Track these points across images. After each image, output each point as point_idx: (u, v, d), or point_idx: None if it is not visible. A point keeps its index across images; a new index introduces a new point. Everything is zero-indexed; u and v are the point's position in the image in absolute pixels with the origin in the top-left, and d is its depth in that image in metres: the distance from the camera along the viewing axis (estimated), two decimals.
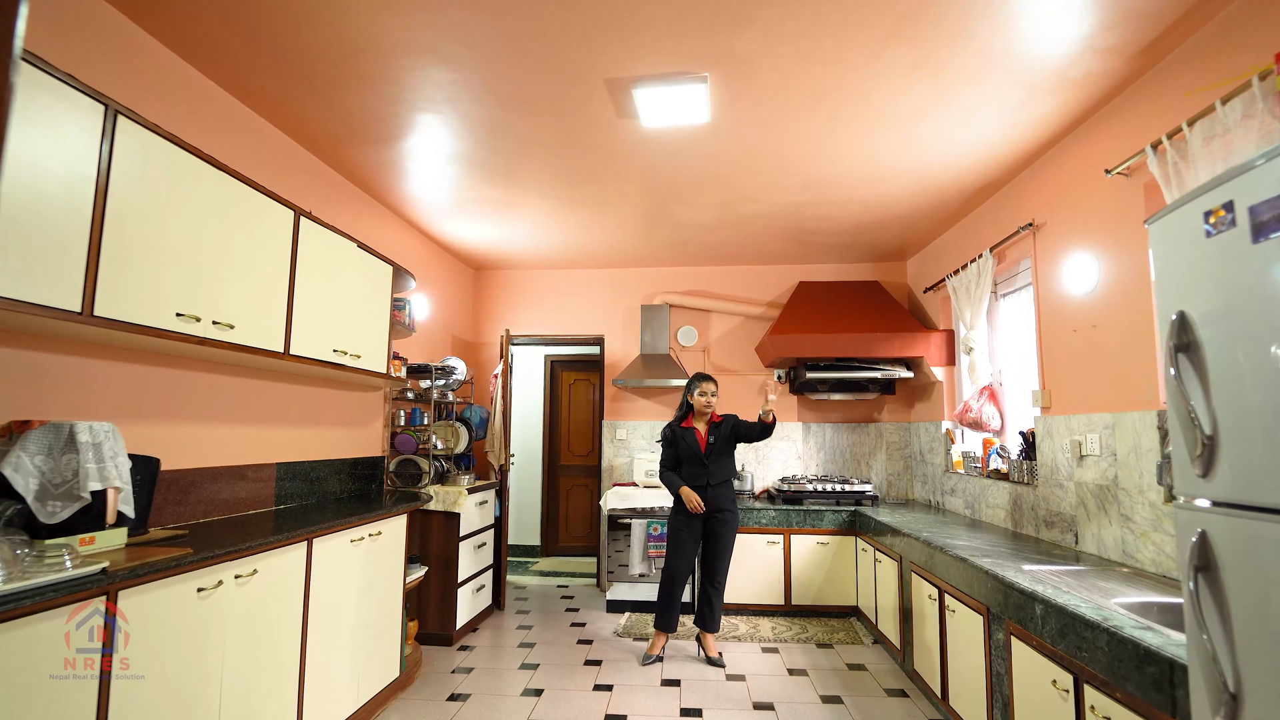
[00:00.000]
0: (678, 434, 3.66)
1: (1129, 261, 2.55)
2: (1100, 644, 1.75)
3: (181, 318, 2.02)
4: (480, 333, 5.56)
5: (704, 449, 3.61)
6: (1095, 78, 2.50)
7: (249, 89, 2.68)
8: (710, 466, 3.58)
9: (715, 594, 3.63)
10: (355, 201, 3.70)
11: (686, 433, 3.65)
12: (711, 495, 3.58)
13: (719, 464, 3.61)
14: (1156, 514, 2.39)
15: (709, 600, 3.63)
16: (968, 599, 2.59)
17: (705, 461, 3.58)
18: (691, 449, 3.61)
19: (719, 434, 3.62)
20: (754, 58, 2.40)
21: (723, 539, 3.61)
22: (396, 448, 4.00)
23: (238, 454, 2.74)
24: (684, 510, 3.58)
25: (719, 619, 3.67)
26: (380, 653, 2.91)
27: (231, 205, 2.26)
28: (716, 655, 3.55)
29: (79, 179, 1.71)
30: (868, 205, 3.93)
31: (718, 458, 3.61)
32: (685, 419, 3.70)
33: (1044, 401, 3.13)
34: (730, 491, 3.65)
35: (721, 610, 3.73)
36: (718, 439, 3.61)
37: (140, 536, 2.06)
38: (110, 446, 1.83)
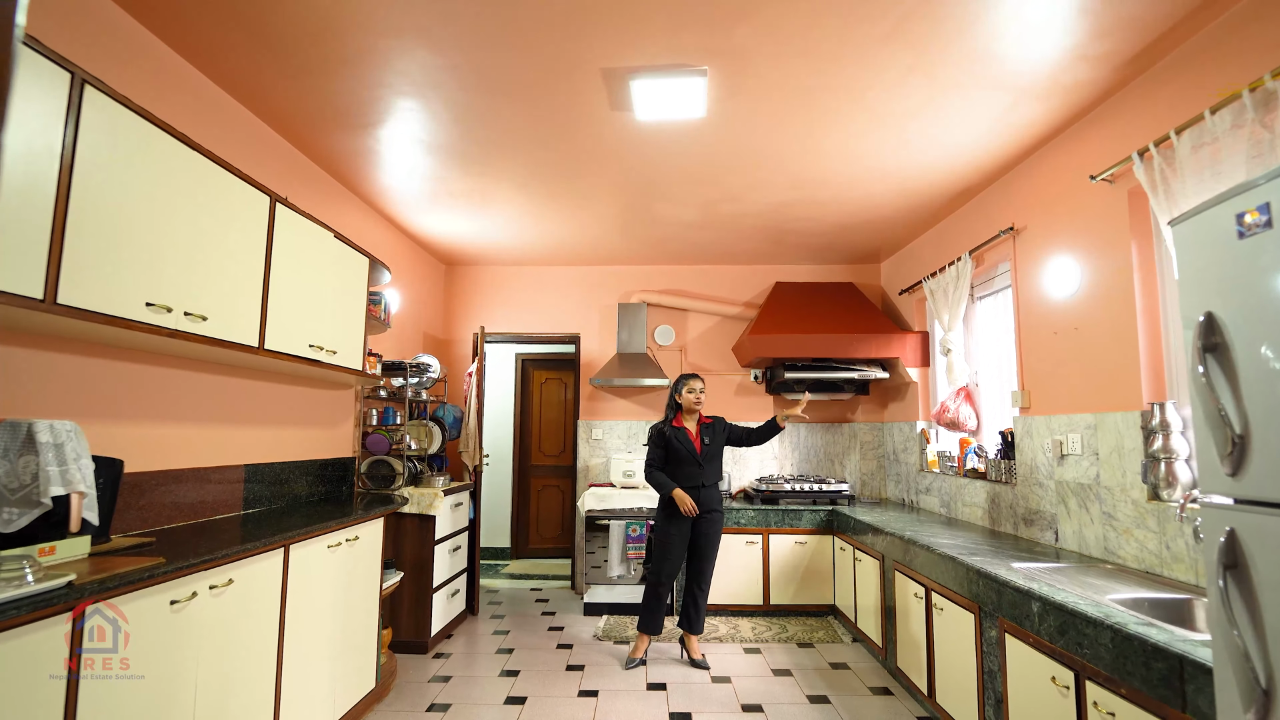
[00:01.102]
0: (669, 434, 3.60)
1: (1113, 266, 2.62)
2: (1103, 641, 1.78)
3: (152, 308, 1.87)
4: (452, 330, 5.41)
5: (699, 449, 3.56)
6: (1084, 85, 2.55)
7: (219, 67, 2.51)
8: (705, 468, 3.54)
9: (701, 596, 3.59)
10: (328, 190, 3.54)
11: (679, 433, 3.59)
12: (704, 497, 3.54)
13: (713, 465, 3.57)
14: (1139, 512, 2.45)
15: (695, 602, 3.59)
16: (957, 597, 2.61)
17: (701, 462, 3.54)
18: (686, 449, 3.56)
19: (713, 434, 3.58)
20: (754, 52, 2.37)
21: (713, 541, 3.58)
22: (368, 448, 3.84)
23: (204, 455, 2.57)
24: (676, 512, 3.52)
25: (704, 621, 3.64)
26: (356, 663, 2.78)
27: (206, 188, 2.11)
28: (700, 657, 3.52)
29: (42, 153, 1.56)
30: (849, 207, 3.96)
31: (711, 459, 3.57)
32: (675, 418, 3.65)
33: (1023, 402, 3.20)
34: (719, 493, 3.62)
35: (706, 612, 3.69)
36: (713, 439, 3.58)
37: (103, 545, 1.90)
38: (73, 448, 1.67)
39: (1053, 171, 3.01)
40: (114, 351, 2.13)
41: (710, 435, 3.59)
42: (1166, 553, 2.32)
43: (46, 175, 1.57)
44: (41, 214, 1.55)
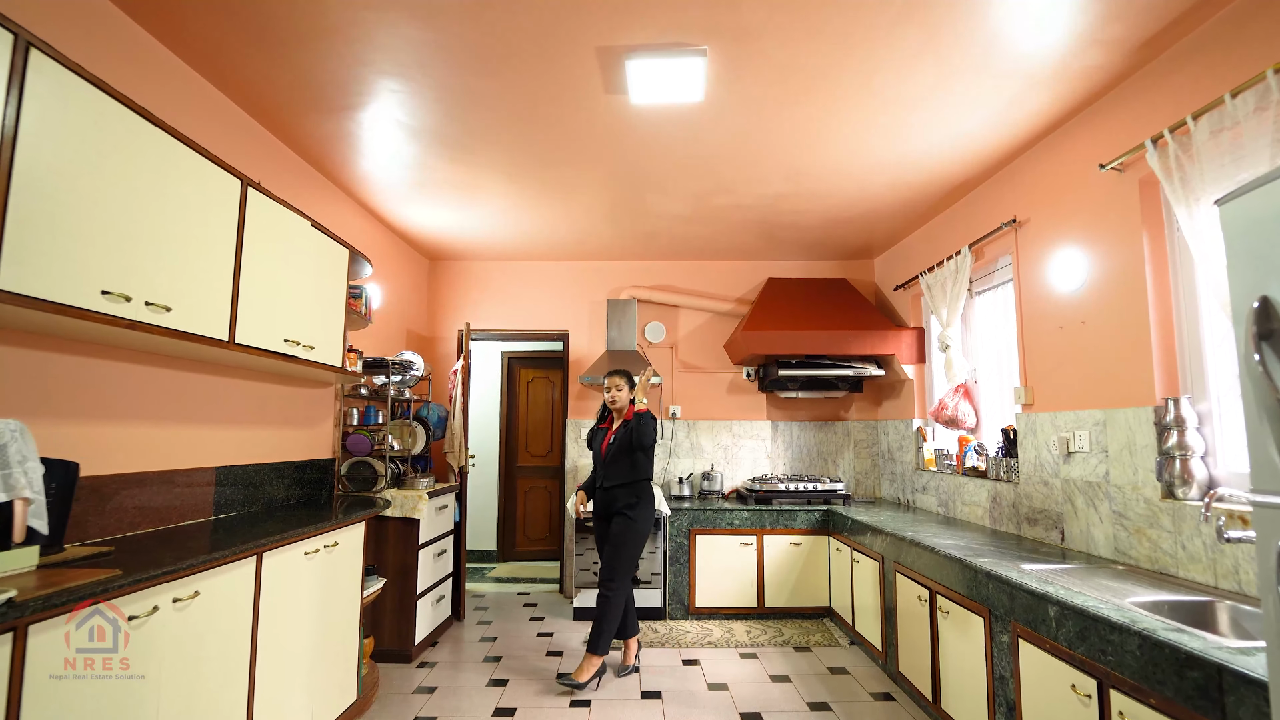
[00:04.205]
0: (590, 434, 3.62)
1: (1122, 257, 2.54)
2: (1130, 648, 1.69)
3: (108, 296, 1.71)
4: (436, 326, 5.24)
5: (604, 450, 3.45)
6: (1094, 70, 2.47)
7: (184, 39, 2.34)
8: (607, 468, 3.40)
9: (601, 598, 3.30)
10: (304, 178, 3.37)
11: (598, 433, 3.55)
12: (603, 497, 3.42)
13: (617, 465, 3.38)
14: (1153, 510, 2.37)
15: (599, 604, 3.33)
16: (964, 600, 2.52)
17: (604, 463, 3.43)
18: (595, 449, 3.52)
19: (624, 434, 3.39)
20: (759, 30, 2.25)
21: (615, 540, 3.33)
22: (349, 449, 3.68)
23: (171, 457, 2.40)
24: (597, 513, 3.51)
25: (603, 627, 3.25)
26: (336, 675, 2.62)
27: (170, 168, 1.95)
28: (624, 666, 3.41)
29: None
30: (844, 200, 3.86)
31: (614, 459, 3.39)
32: (605, 419, 3.57)
33: (1026, 398, 3.12)
34: (629, 495, 3.36)
35: (610, 621, 3.26)
36: (616, 439, 3.42)
37: (55, 555, 1.74)
38: (18, 449, 1.52)
39: (1059, 161, 2.93)
40: (68, 345, 1.96)
41: (617, 435, 3.42)
42: (1182, 553, 2.24)
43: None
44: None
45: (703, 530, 4.35)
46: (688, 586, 4.31)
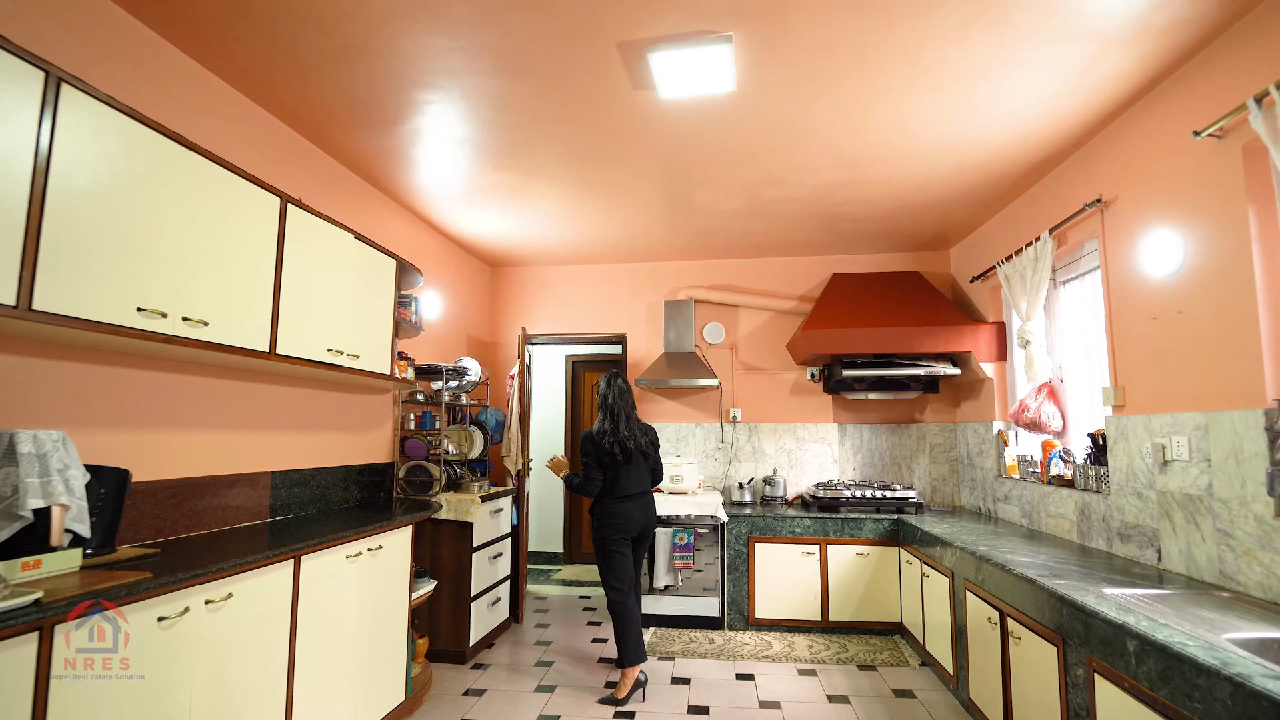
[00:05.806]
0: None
1: (1224, 237, 2.20)
2: (1220, 695, 1.43)
3: (144, 313, 1.82)
4: (498, 332, 5.35)
5: None
6: (1181, 25, 2.15)
7: (230, 65, 2.47)
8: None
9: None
10: (357, 192, 3.50)
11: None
12: None
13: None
14: (1264, 530, 2.03)
15: None
16: (1037, 625, 2.26)
17: None
18: None
19: None
20: (786, 9, 2.11)
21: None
22: (407, 453, 3.79)
23: (226, 462, 2.54)
24: None
25: (620, 643, 3.21)
26: (383, 676, 2.69)
27: (204, 189, 2.05)
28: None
29: (11, 155, 1.50)
30: (906, 186, 3.60)
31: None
32: None
33: (1116, 399, 2.77)
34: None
35: (617, 630, 3.22)
36: None
37: (106, 556, 1.86)
38: (59, 458, 1.63)
39: (1146, 132, 2.59)
40: (118, 358, 2.10)
41: None
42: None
43: (19, 177, 1.52)
44: (13, 217, 1.50)
45: (762, 538, 4.17)
46: (746, 596, 4.16)
